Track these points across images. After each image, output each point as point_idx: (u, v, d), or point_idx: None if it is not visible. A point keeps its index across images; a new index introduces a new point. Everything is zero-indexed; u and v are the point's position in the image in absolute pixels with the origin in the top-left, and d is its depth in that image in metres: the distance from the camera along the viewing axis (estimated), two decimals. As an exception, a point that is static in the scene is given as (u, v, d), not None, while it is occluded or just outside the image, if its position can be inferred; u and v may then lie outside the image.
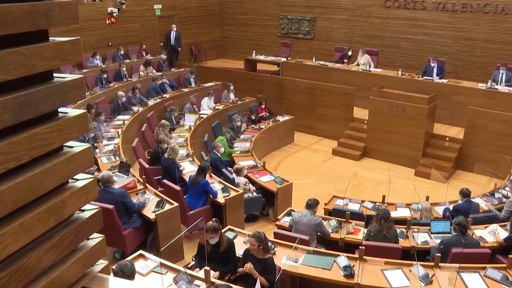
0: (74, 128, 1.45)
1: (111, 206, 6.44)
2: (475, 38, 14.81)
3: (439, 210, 7.94)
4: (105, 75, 13.49)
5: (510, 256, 5.77)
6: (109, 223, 6.47)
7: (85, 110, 1.62)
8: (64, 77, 1.44)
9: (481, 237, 6.84)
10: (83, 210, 1.55)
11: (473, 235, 6.76)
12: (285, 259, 5.80)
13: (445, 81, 13.01)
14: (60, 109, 1.45)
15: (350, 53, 15.41)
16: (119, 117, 11.45)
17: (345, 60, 15.28)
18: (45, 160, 1.37)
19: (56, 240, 1.39)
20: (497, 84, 12.41)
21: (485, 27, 14.56)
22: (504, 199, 8.23)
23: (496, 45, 14.48)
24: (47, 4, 1.33)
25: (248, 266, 5.30)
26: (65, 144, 1.47)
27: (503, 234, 6.81)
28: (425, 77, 13.24)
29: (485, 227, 7.10)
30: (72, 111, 1.47)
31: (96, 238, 1.59)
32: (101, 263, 1.62)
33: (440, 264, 5.75)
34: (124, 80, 13.90)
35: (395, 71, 13.86)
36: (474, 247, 6.20)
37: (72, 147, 1.49)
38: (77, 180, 1.52)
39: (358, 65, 14.59)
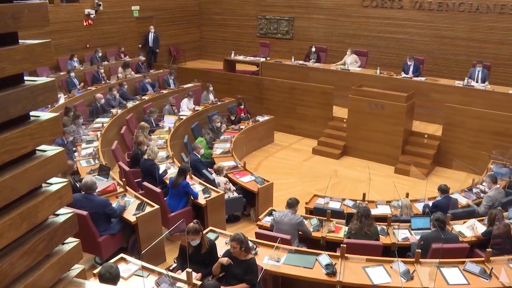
0: (46, 132, 1.43)
1: (85, 213, 6.33)
2: (452, 37, 15.01)
3: (419, 207, 8.02)
4: (73, 74, 13.30)
5: (487, 250, 5.87)
6: (83, 229, 6.37)
7: (58, 114, 1.59)
8: (35, 80, 1.42)
9: (460, 232, 6.92)
10: (58, 215, 1.52)
11: (452, 230, 6.85)
12: (267, 259, 5.80)
13: (422, 79, 13.13)
14: (32, 113, 1.42)
15: (313, 49, 15.47)
16: (98, 119, 11.34)
17: (311, 58, 15.32)
18: (17, 165, 1.35)
19: (29, 246, 1.37)
20: (473, 82, 12.57)
21: (461, 26, 14.77)
22: (482, 194, 8.35)
23: (472, 43, 14.69)
24: (15, 6, 1.31)
25: (226, 259, 5.31)
26: (37, 148, 1.45)
27: (481, 228, 6.90)
28: (402, 75, 13.36)
29: (464, 222, 7.19)
30: (44, 115, 1.45)
31: (71, 243, 1.57)
32: (77, 268, 1.60)
33: (420, 259, 5.82)
34: (103, 82, 13.77)
35: (373, 70, 13.96)
36: (453, 242, 6.27)
37: (45, 151, 1.47)
38: (51, 184, 1.49)
39: (344, 64, 14.65)
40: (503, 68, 14.24)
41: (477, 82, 12.55)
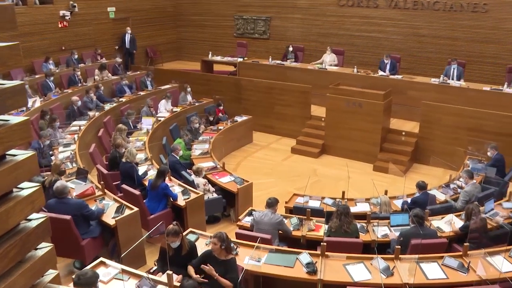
0: (16, 136, 1.40)
1: (68, 217, 6.27)
2: (427, 35, 15.20)
3: (398, 204, 8.08)
4: (51, 78, 13.13)
5: (465, 244, 5.96)
6: (66, 234, 6.32)
7: (28, 118, 1.56)
8: (3, 84, 1.39)
9: (438, 227, 7.00)
10: (30, 220, 1.49)
11: (430, 226, 6.91)
12: (248, 259, 5.79)
13: (399, 77, 13.26)
14: (1, 117, 1.39)
15: (290, 49, 15.50)
16: (75, 122, 11.21)
17: (288, 58, 15.35)
18: (-15, 170, 1.32)
19: (1, 252, 1.34)
20: (449, 79, 12.73)
21: (436, 24, 14.98)
22: (459, 190, 8.45)
23: (447, 41, 14.90)
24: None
25: (208, 267, 5.27)
26: (7, 153, 1.41)
27: (458, 223, 6.98)
28: (379, 74, 13.47)
29: (442, 218, 7.28)
30: (13, 119, 1.42)
31: (44, 248, 1.54)
32: (51, 273, 1.58)
33: (400, 256, 5.87)
34: (79, 84, 13.62)
35: (351, 69, 14.04)
36: (431, 237, 6.34)
37: (16, 155, 1.43)
38: (22, 189, 1.46)
39: (322, 62, 14.70)
40: (477, 65, 14.45)
41: (452, 79, 12.72)
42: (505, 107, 11.06)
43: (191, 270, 5.44)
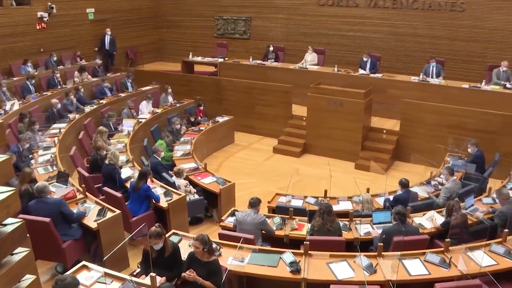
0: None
1: (47, 219, 6.21)
2: (407, 34, 15.32)
3: (380, 201, 8.13)
4: (33, 81, 12.98)
5: (446, 240, 6.02)
6: (46, 237, 6.26)
7: (1, 121, 1.52)
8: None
9: (420, 224, 7.06)
10: (5, 225, 1.46)
11: (412, 223, 6.97)
12: (231, 260, 5.77)
13: (379, 75, 13.35)
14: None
15: (271, 48, 15.52)
16: (55, 125, 11.10)
17: (269, 58, 15.37)
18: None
19: (-25, 258, 1.31)
20: (428, 77, 12.84)
21: (415, 23, 15.11)
22: (440, 186, 8.53)
23: (426, 40, 15.03)
24: None
25: (192, 275, 5.25)
26: (-19, 156, 1.38)
27: (440, 219, 7.05)
28: (360, 72, 13.54)
29: (423, 214, 7.34)
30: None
31: (21, 253, 1.51)
32: (29, 278, 1.54)
33: (382, 253, 5.90)
34: (59, 87, 13.46)
35: (331, 68, 14.09)
36: (413, 234, 6.38)
37: (-11, 158, 1.40)
38: (-3, 192, 1.43)
39: (305, 62, 14.73)
40: (456, 63, 14.60)
41: (432, 77, 12.84)
42: (483, 104, 11.20)
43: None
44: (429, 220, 7.11)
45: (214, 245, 5.71)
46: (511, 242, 6.24)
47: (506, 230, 6.31)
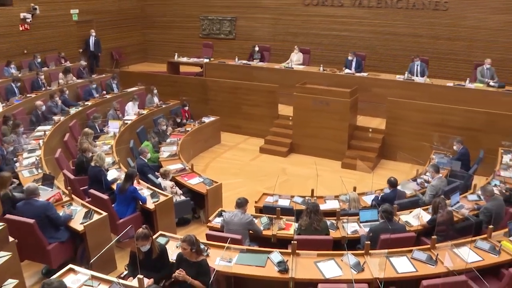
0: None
1: (31, 221, 6.18)
2: (391, 33, 15.44)
3: (367, 200, 8.16)
4: (18, 84, 12.86)
5: (433, 237, 6.07)
6: (31, 238, 6.23)
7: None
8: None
9: (406, 221, 7.10)
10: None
11: (399, 221, 7.00)
12: (219, 260, 5.76)
13: (365, 74, 13.41)
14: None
15: (257, 48, 15.53)
16: (40, 127, 10.98)
17: (255, 58, 15.38)
18: None
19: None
20: (413, 76, 12.93)
21: (400, 22, 15.25)
22: (426, 184, 8.59)
23: (410, 38, 15.17)
24: None
25: (181, 274, 5.23)
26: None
27: (426, 217, 7.10)
28: (345, 71, 13.59)
29: (410, 212, 7.39)
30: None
31: (3, 257, 1.49)
32: (11, 283, 1.52)
33: (370, 251, 5.93)
34: (43, 89, 13.35)
35: (317, 67, 14.13)
36: (400, 231, 6.42)
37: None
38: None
39: (291, 61, 14.75)
40: (440, 61, 14.73)
41: (416, 76, 12.92)
42: (467, 102, 11.32)
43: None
44: (416, 218, 7.16)
45: (201, 246, 5.70)
46: (496, 238, 6.32)
47: (491, 226, 6.39)
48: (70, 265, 5.45)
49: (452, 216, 6.86)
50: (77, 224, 6.74)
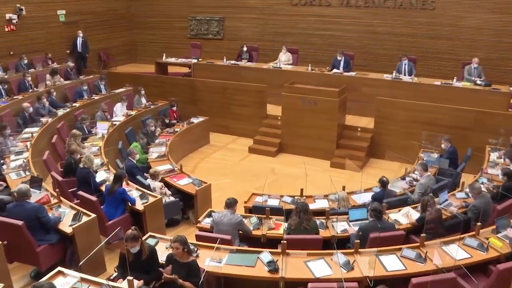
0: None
1: (20, 223, 6.13)
2: (379, 32, 15.53)
3: (356, 199, 8.19)
4: (5, 85, 12.75)
5: (422, 235, 6.10)
6: (20, 240, 6.19)
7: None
8: None
9: (395, 220, 7.13)
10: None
11: (388, 219, 7.03)
12: (209, 261, 5.74)
13: (353, 73, 13.44)
14: None
15: (245, 49, 15.53)
16: (27, 129, 10.90)
17: (243, 58, 15.39)
18: None
19: None
20: (401, 75, 12.98)
21: (387, 21, 15.36)
22: (414, 182, 8.63)
23: (398, 38, 15.28)
24: None
25: (169, 273, 5.22)
26: None
27: (415, 215, 7.13)
28: (334, 71, 13.62)
29: (399, 210, 7.42)
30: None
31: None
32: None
33: (359, 249, 5.95)
34: (30, 90, 13.24)
35: (305, 67, 14.15)
36: (389, 230, 6.45)
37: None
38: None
39: (279, 61, 14.75)
40: (427, 60, 14.84)
41: (404, 75, 12.98)
42: (455, 101, 11.40)
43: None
44: (405, 216, 7.20)
45: (191, 247, 5.69)
46: (484, 235, 6.37)
47: (479, 223, 6.44)
48: (59, 268, 5.41)
49: (440, 214, 6.90)
50: (66, 226, 6.69)
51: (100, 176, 8.70)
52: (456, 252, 5.76)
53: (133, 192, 8.05)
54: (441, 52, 14.80)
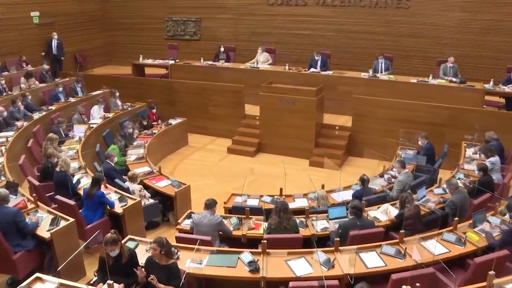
0: None
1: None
2: (355, 31, 15.66)
3: (335, 197, 8.22)
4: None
5: (401, 231, 6.16)
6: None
7: None
8: None
9: (375, 217, 7.20)
10: None
11: (367, 217, 7.09)
12: (189, 262, 5.72)
13: (330, 72, 13.51)
14: None
15: (222, 49, 15.52)
16: (1, 134, 10.71)
17: (220, 58, 15.36)
18: None
19: None
20: (378, 73, 13.10)
21: (363, 20, 15.50)
22: (393, 179, 8.70)
23: (374, 36, 15.42)
24: None
25: (142, 274, 5.22)
26: None
27: (394, 212, 7.20)
28: (311, 70, 13.67)
29: (378, 207, 7.48)
30: None
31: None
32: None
33: (340, 247, 5.99)
34: (4, 94, 13.02)
35: (282, 67, 14.18)
36: (369, 227, 6.50)
37: None
38: None
39: (257, 62, 14.75)
40: (404, 59, 15.00)
41: (381, 73, 13.10)
42: (431, 98, 11.53)
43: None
44: (384, 213, 7.26)
45: (172, 249, 5.66)
46: (461, 229, 6.48)
47: (456, 218, 6.53)
48: (37, 274, 5.34)
49: (419, 210, 6.97)
50: (43, 231, 6.61)
51: (77, 179, 8.60)
52: (435, 247, 5.85)
53: (112, 195, 7.99)
54: (416, 50, 14.99)
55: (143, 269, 5.32)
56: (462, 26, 14.31)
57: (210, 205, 6.80)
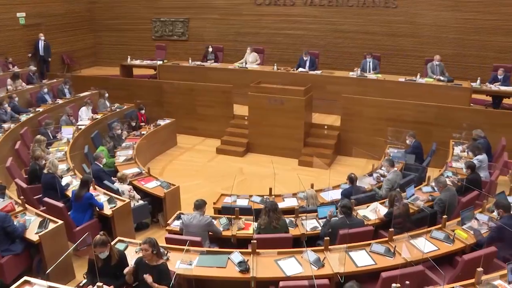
0: None
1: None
2: (343, 30, 15.72)
3: (324, 196, 8.24)
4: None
5: (390, 230, 6.19)
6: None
7: None
8: None
9: (364, 216, 7.22)
10: None
11: (357, 215, 7.10)
12: (179, 263, 5.71)
13: (318, 72, 13.54)
14: None
15: (210, 49, 15.50)
16: (-12, 136, 10.65)
17: (209, 58, 15.35)
18: None
19: None
20: (366, 72, 13.15)
21: (351, 20, 15.57)
22: (381, 178, 8.74)
23: (362, 36, 15.49)
24: None
25: (130, 273, 5.19)
26: None
27: (383, 210, 7.23)
28: (299, 70, 13.69)
29: (367, 206, 7.51)
30: None
31: None
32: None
33: (329, 246, 6.00)
34: (-10, 96, 12.93)
35: (271, 66, 14.19)
36: (358, 226, 6.51)
37: None
38: None
39: (246, 62, 14.74)
40: (391, 58, 15.08)
41: (369, 72, 13.15)
42: (419, 97, 11.60)
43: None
44: (373, 212, 7.29)
45: (161, 249, 5.64)
46: (450, 227, 6.51)
47: (445, 216, 6.57)
48: (25, 277, 5.29)
49: (408, 208, 7.01)
50: (32, 234, 6.57)
51: (66, 181, 8.54)
52: (424, 245, 5.87)
53: (101, 196, 7.96)
54: (404, 49, 15.08)
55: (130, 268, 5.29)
56: (450, 25, 14.41)
57: (200, 205, 6.79)
